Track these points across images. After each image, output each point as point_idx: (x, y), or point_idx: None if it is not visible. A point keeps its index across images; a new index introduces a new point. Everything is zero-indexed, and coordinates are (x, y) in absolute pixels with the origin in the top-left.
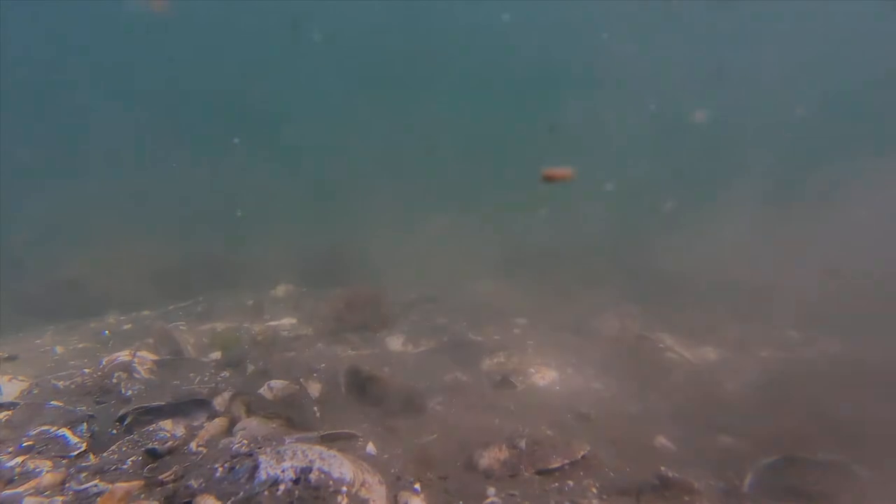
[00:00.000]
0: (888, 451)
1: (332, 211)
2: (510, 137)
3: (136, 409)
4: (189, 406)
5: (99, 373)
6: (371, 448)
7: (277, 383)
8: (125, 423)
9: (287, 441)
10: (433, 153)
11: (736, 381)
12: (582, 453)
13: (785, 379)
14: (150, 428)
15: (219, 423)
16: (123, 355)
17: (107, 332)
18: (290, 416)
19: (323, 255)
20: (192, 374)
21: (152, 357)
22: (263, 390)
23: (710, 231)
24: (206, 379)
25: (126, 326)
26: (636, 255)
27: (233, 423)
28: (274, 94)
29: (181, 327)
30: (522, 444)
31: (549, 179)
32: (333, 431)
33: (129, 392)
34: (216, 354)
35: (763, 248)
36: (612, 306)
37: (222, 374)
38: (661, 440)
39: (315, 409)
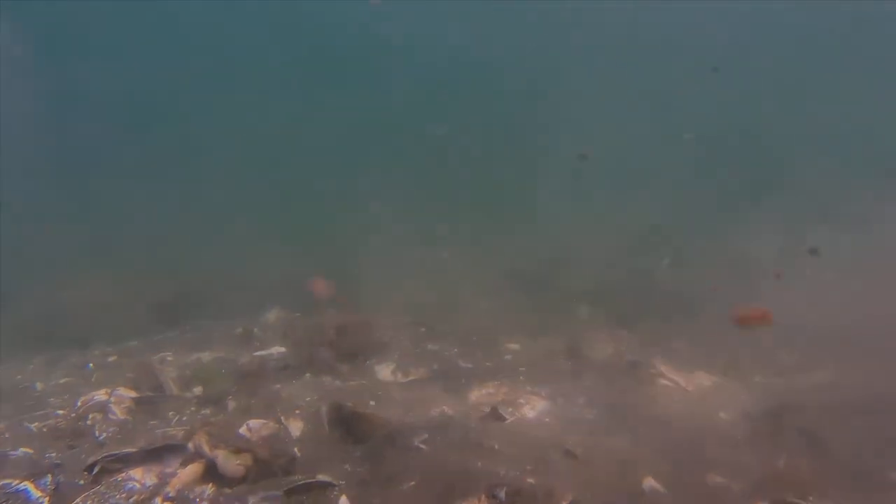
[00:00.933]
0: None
1: (319, 229)
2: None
3: (106, 456)
4: (162, 451)
5: (74, 414)
6: (344, 502)
7: (256, 423)
8: (94, 472)
9: (250, 502)
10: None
11: (729, 409)
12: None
13: (778, 408)
14: (119, 478)
15: (192, 469)
16: (100, 394)
17: (91, 364)
18: (262, 457)
19: (313, 278)
20: (171, 413)
21: (131, 394)
22: (243, 430)
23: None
24: (184, 419)
25: (111, 358)
26: (632, 275)
27: (209, 468)
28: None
29: (168, 358)
30: (502, 493)
31: (744, 322)
32: (306, 481)
33: (103, 435)
34: (199, 390)
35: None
36: (606, 330)
37: (203, 412)
38: (651, 482)
39: (296, 449)
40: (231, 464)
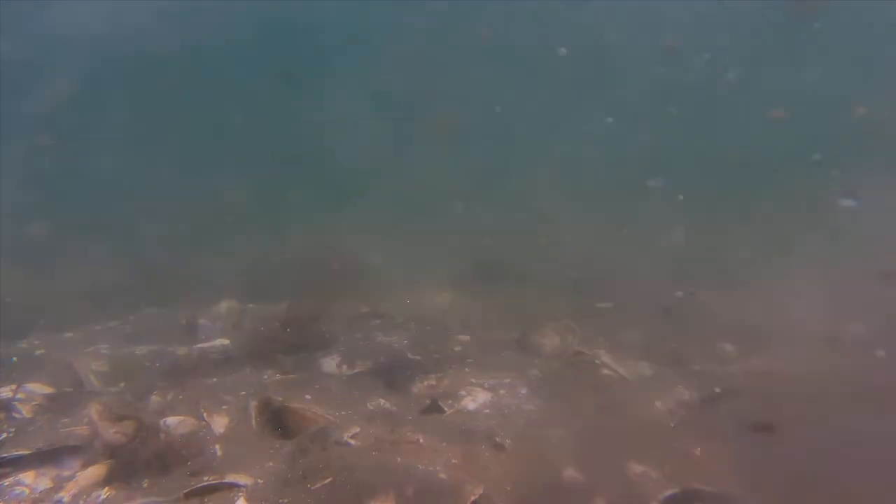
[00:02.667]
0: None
1: (281, 215)
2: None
3: None
4: (62, 453)
5: None
6: None
7: (174, 420)
8: None
9: None
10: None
11: (666, 398)
12: (473, 498)
13: (712, 396)
14: (5, 483)
15: (93, 472)
16: (5, 391)
17: (14, 358)
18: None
19: (271, 266)
20: (85, 411)
21: (46, 391)
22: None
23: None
24: None
25: (39, 352)
26: (586, 265)
27: (112, 469)
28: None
29: (102, 351)
30: (410, 491)
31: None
32: (211, 483)
33: (3, 435)
34: (123, 385)
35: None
36: (557, 322)
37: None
38: (571, 472)
39: (217, 446)
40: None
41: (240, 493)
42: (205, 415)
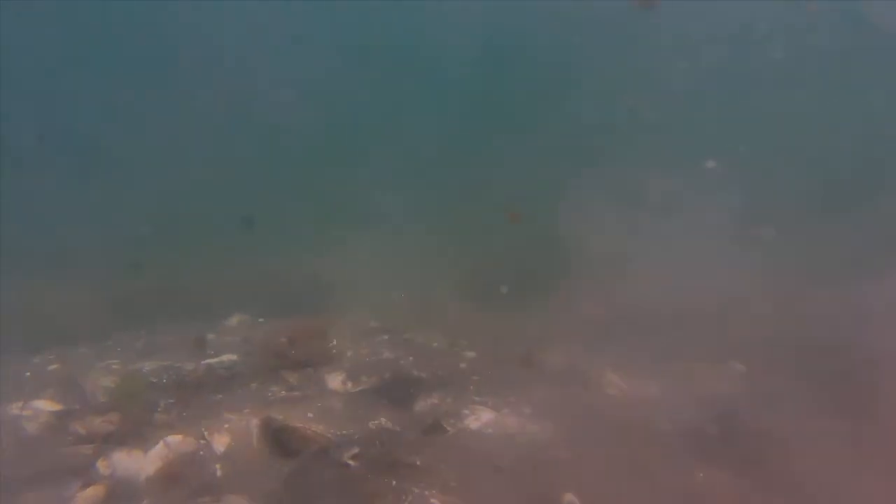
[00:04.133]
0: None
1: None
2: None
3: None
4: (62, 473)
5: None
6: None
7: (175, 438)
8: None
9: None
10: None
11: (674, 419)
12: None
13: (720, 418)
14: None
15: (93, 492)
16: (14, 407)
17: (28, 374)
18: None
19: (280, 280)
20: (83, 431)
21: (53, 408)
22: (159, 446)
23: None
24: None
25: (52, 367)
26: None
27: (112, 490)
28: None
29: (113, 366)
30: None
31: None
32: None
33: (7, 455)
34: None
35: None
36: (565, 338)
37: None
38: (571, 498)
39: (217, 466)
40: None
41: None
42: (206, 433)
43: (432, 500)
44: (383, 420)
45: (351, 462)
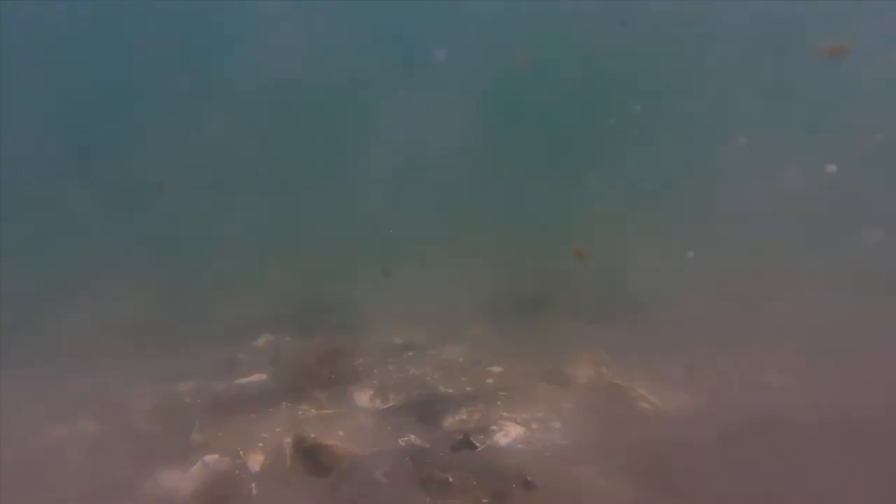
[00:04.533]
0: None
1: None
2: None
3: None
4: (107, 494)
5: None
6: None
7: (212, 458)
8: None
9: None
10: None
11: (708, 433)
12: None
13: (755, 431)
14: None
15: None
16: (56, 429)
17: (67, 394)
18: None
19: (305, 300)
20: (131, 450)
21: (94, 429)
22: (197, 465)
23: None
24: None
25: (90, 389)
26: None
27: None
28: None
29: (147, 388)
30: None
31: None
32: None
33: (52, 478)
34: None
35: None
36: (588, 351)
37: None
38: None
39: (253, 485)
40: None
41: None
42: (241, 452)
43: None
44: (412, 437)
45: (383, 479)
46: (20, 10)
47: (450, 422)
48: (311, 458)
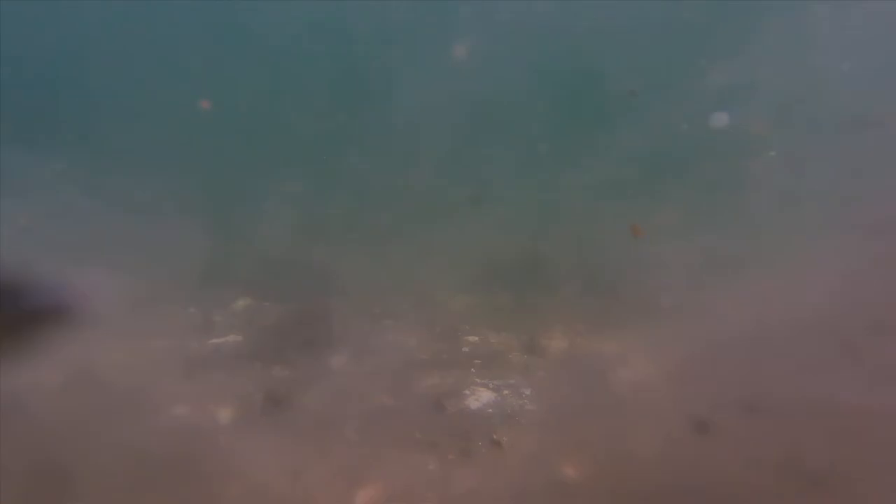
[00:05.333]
0: None
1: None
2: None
3: None
4: None
5: None
6: None
7: (182, 411)
8: None
9: None
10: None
11: (675, 404)
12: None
13: (724, 403)
14: None
15: None
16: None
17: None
18: None
19: (286, 264)
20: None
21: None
22: (165, 419)
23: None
24: None
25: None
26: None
27: None
28: None
29: (119, 344)
30: (401, 482)
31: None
32: None
33: None
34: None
35: None
36: (564, 324)
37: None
38: (568, 470)
39: (221, 437)
40: None
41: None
42: (211, 407)
43: (430, 467)
44: (385, 398)
45: (353, 435)
46: None
47: (422, 386)
48: (282, 413)
